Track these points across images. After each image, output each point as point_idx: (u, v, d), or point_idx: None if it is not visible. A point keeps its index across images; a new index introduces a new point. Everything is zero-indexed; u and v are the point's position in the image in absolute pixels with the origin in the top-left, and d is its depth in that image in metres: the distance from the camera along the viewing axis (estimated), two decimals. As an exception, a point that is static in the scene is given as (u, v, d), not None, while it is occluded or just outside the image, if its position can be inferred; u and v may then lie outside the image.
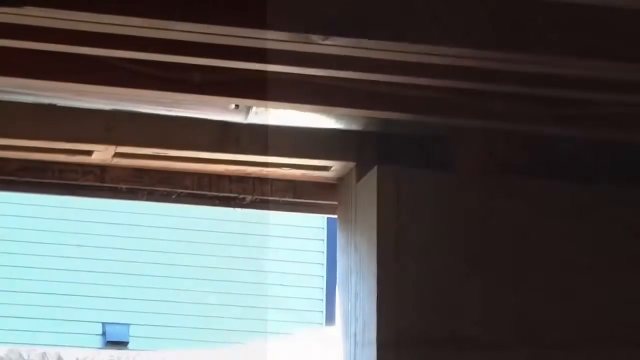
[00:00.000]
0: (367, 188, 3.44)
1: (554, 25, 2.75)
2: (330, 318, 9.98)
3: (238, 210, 3.84)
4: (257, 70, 3.03)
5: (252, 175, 3.72)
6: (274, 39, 2.71)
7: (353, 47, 2.77)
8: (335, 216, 3.75)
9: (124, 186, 3.68)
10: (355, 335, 3.46)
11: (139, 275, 10.60)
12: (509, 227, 3.45)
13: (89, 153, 3.52)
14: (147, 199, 3.75)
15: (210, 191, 3.74)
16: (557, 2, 2.61)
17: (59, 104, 3.34)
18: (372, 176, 3.41)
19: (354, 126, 3.45)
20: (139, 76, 3.05)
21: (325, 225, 11.05)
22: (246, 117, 3.37)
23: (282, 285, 10.94)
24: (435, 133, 3.44)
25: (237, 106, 3.32)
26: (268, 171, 3.67)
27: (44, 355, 5.36)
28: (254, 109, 3.33)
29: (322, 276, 11.22)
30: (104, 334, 10.52)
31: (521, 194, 3.48)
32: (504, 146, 3.56)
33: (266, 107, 3.30)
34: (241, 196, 3.77)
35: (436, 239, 3.38)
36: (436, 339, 3.33)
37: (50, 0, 2.53)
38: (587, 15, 2.72)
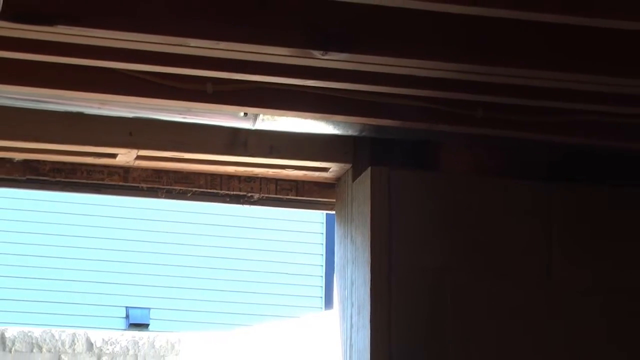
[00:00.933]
0: (362, 187, 3.43)
1: (525, 43, 2.75)
2: (328, 303, 9.97)
3: (246, 206, 3.83)
4: (263, 82, 3.03)
5: (259, 176, 3.71)
6: (278, 54, 2.71)
7: (349, 62, 2.77)
8: (333, 212, 3.74)
9: (144, 185, 3.67)
10: (351, 318, 3.46)
11: (158, 264, 10.60)
12: (488, 221, 3.44)
13: (113, 156, 3.52)
14: (166, 197, 3.74)
15: (221, 190, 3.73)
16: (527, 22, 2.60)
17: (86, 112, 3.33)
18: (366, 176, 3.41)
19: (350, 132, 3.44)
20: (158, 87, 3.05)
21: (324, 220, 11.05)
22: (254, 124, 3.37)
23: (285, 273, 10.93)
24: (422, 138, 3.44)
25: (245, 114, 3.32)
26: (273, 172, 3.67)
27: (74, 336, 5.36)
28: (261, 116, 3.32)
29: (322, 266, 11.22)
30: (127, 317, 10.52)
31: (498, 192, 3.47)
32: (483, 150, 3.56)
33: (272, 114, 3.29)
34: (249, 194, 3.76)
35: (424, 232, 3.38)
36: (426, 317, 3.33)
37: (79, 20, 2.53)
38: (553, 34, 2.72)
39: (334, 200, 3.71)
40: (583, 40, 2.77)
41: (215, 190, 3.74)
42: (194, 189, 3.72)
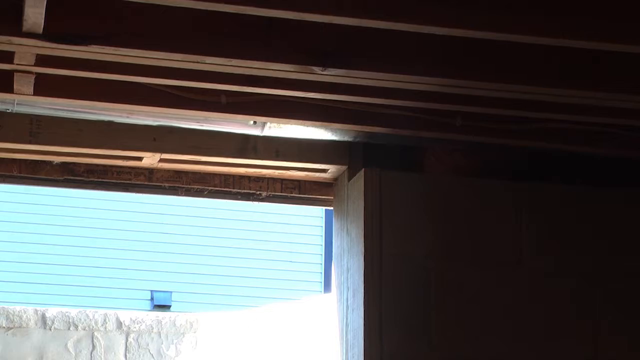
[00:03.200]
0: (356, 186, 3.42)
1: (498, 60, 2.75)
2: (327, 287, 9.96)
3: (256, 203, 3.82)
4: (270, 94, 3.02)
5: (267, 176, 3.70)
6: (284, 69, 2.70)
7: (345, 76, 2.76)
8: (331, 208, 3.73)
9: (167, 184, 3.66)
10: (347, 300, 3.44)
11: (179, 254, 10.59)
12: (466, 216, 3.43)
13: (139, 159, 3.51)
14: (185, 195, 3.73)
15: (234, 188, 3.72)
16: (500, 41, 2.59)
17: (115, 121, 3.32)
18: (359, 177, 3.40)
19: (346, 137, 3.43)
20: (178, 99, 3.04)
21: (323, 215, 11.02)
22: (262, 131, 3.36)
23: (289, 261, 10.92)
24: (409, 143, 3.43)
25: (255, 122, 3.31)
26: (279, 173, 3.66)
27: (105, 315, 5.34)
28: (268, 124, 3.31)
29: (321, 254, 11.19)
30: (152, 299, 10.49)
31: (474, 191, 3.47)
32: (461, 153, 3.55)
33: (278, 122, 3.29)
34: (258, 192, 3.75)
35: (410, 225, 3.37)
36: (412, 298, 3.32)
37: (110, 41, 2.52)
38: (523, 53, 2.72)
39: (332, 197, 3.70)
40: (547, 59, 2.76)
41: (228, 189, 3.73)
42: (210, 188, 3.71)
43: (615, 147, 3.36)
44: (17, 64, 2.71)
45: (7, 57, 2.68)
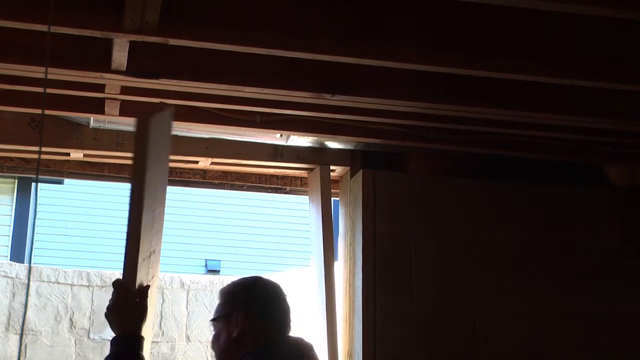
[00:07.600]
0: (356, 182, 3.41)
1: (463, 89, 2.72)
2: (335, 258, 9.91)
3: (282, 195, 3.82)
4: (293, 114, 3.01)
5: (290, 175, 3.70)
6: (302, 96, 2.69)
7: (348, 101, 2.75)
8: (338, 198, 3.72)
9: (216, 181, 3.66)
10: (349, 267, 3.44)
11: (225, 232, 10.59)
12: (437, 204, 3.42)
13: (196, 162, 3.51)
14: (230, 189, 3.73)
15: (266, 184, 3.72)
16: (464, 75, 2.57)
17: (179, 134, 3.32)
18: (359, 175, 3.39)
19: (348, 146, 3.42)
20: (224, 118, 3.04)
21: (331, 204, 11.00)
22: (287, 141, 3.35)
23: (307, 238, 10.91)
24: (395, 150, 3.42)
25: (281, 135, 3.30)
26: (299, 172, 3.65)
27: (172, 277, 5.34)
28: (292, 136, 3.30)
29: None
30: (206, 265, 10.50)
31: (443, 186, 3.45)
32: (433, 158, 3.54)
33: (298, 135, 3.28)
34: (283, 187, 3.75)
35: (396, 211, 3.35)
36: (397, 265, 3.31)
37: (174, 75, 2.52)
38: (484, 83, 2.69)
39: (339, 190, 3.69)
40: (499, 88, 2.74)
41: (262, 185, 3.73)
42: (248, 184, 3.71)
43: (544, 153, 3.34)
44: (107, 93, 2.72)
45: (100, 88, 2.68)
